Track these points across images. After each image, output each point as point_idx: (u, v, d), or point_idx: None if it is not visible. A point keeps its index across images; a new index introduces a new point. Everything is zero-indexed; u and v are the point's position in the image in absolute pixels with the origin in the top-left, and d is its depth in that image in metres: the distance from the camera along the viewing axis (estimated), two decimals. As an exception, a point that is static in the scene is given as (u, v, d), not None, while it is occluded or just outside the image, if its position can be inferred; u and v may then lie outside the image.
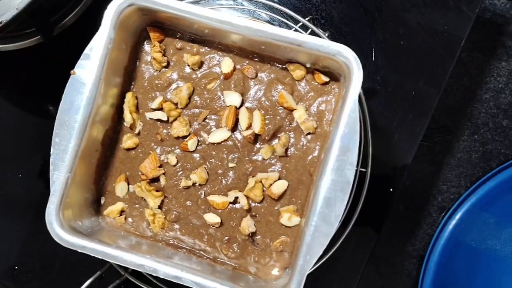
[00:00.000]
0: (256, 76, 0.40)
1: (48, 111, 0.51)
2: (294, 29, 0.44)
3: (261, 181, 0.39)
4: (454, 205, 0.48)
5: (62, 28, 0.46)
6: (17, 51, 0.47)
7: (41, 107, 0.51)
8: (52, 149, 0.36)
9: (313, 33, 0.44)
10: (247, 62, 0.40)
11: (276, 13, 0.46)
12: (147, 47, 0.40)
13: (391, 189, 0.46)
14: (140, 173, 0.40)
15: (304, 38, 0.36)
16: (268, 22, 0.47)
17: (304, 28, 0.45)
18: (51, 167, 0.36)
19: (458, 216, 0.49)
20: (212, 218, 0.39)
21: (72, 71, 0.36)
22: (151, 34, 0.40)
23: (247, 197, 0.39)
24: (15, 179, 0.50)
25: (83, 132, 0.36)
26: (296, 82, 0.40)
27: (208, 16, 0.36)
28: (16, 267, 0.50)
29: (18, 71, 0.51)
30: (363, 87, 0.37)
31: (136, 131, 0.40)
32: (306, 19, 0.44)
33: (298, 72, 0.39)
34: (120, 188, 0.40)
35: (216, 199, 0.39)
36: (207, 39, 0.40)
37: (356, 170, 0.33)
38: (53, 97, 0.36)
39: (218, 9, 0.47)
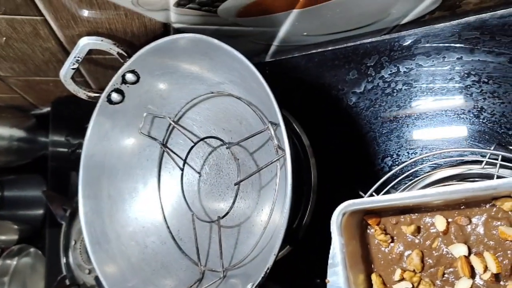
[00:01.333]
0: (470, 222, 0.44)
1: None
2: (484, 163, 0.48)
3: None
4: None
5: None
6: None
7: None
8: None
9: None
10: (456, 213, 0.45)
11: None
12: (370, 231, 0.49)
13: None
14: None
15: (497, 182, 0.40)
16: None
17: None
18: None
19: None
20: None
21: (327, 280, 0.46)
22: (369, 221, 0.48)
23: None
24: None
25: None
26: (510, 212, 0.43)
27: (404, 198, 0.44)
28: None
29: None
30: None
31: (391, 304, 0.47)
32: (492, 148, 0.48)
33: (507, 205, 0.42)
34: None
35: None
36: (415, 207, 0.47)
37: None
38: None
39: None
